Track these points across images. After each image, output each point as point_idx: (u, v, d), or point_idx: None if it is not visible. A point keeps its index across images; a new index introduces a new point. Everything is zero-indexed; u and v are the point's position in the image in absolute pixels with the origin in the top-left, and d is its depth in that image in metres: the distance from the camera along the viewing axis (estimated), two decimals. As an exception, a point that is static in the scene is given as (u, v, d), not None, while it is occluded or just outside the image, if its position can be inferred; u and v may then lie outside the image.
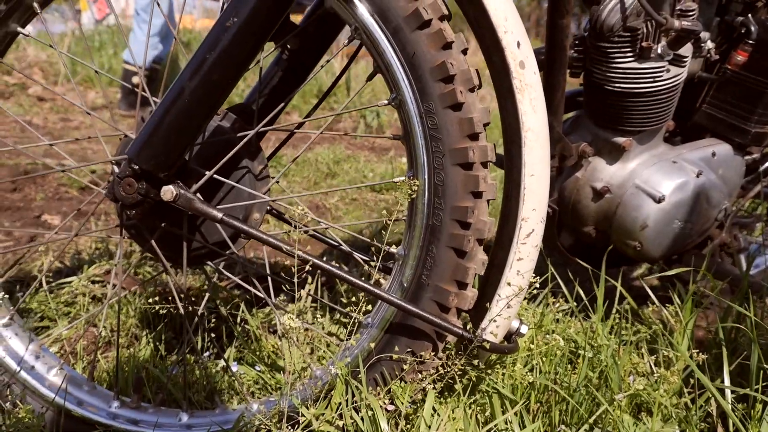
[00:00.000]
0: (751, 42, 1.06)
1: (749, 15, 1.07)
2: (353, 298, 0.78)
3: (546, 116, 0.71)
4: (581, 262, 1.10)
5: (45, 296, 1.10)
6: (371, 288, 0.70)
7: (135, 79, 3.41)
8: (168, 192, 0.66)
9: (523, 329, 0.75)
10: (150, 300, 1.07)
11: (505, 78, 0.69)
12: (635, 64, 0.94)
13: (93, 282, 1.17)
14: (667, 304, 1.08)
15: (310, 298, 1.14)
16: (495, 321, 0.70)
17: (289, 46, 0.82)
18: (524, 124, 0.68)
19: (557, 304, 0.92)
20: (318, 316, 1.08)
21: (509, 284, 0.70)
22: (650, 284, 1.55)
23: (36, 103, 3.68)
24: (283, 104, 0.80)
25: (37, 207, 1.79)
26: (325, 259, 1.02)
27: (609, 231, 1.08)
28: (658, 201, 1.01)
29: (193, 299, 1.14)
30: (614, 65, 0.95)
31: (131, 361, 0.90)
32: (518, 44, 0.68)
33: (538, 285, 0.74)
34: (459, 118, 0.68)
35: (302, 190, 2.36)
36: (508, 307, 0.71)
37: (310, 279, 1.07)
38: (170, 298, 1.12)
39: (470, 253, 0.70)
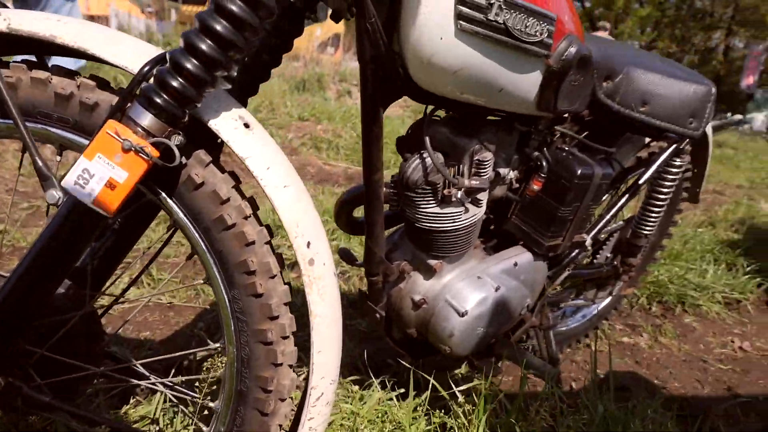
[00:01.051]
0: (543, 175, 1.26)
1: (544, 149, 1.28)
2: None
3: (337, 299, 0.86)
4: (401, 361, 1.27)
5: None
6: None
7: None
8: (-3, 384, 0.76)
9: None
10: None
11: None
12: (437, 209, 1.12)
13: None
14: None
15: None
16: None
17: (119, 220, 0.92)
18: (312, 312, 0.82)
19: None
20: None
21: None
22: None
23: None
24: (115, 275, 0.91)
25: None
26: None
27: (426, 334, 1.26)
28: (462, 315, 1.19)
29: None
30: (419, 209, 1.12)
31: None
32: (308, 244, 0.82)
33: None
34: (260, 304, 0.82)
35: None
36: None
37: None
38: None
39: (272, 413, 0.84)
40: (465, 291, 1.21)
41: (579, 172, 1.25)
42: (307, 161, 4.22)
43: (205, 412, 0.89)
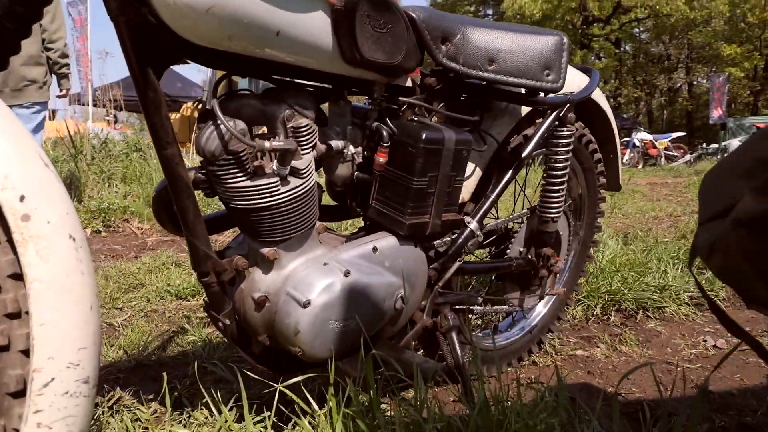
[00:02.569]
0: (385, 144, 1.15)
1: (387, 120, 1.17)
2: None
3: (74, 263, 0.72)
4: (254, 375, 1.11)
5: None
6: None
7: None
8: None
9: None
10: None
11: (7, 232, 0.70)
12: (248, 183, 0.99)
13: None
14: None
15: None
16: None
17: None
18: (28, 276, 0.68)
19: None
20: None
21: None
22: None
23: None
24: None
25: None
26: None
27: (276, 338, 1.10)
28: (304, 306, 1.04)
29: None
30: (228, 186, 0.99)
31: None
32: (21, 198, 0.70)
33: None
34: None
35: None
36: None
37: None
38: None
39: (-7, 414, 0.68)
40: (308, 279, 1.07)
41: (424, 135, 1.14)
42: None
43: None
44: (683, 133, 16.23)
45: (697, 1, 18.24)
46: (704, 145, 16.37)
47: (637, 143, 13.63)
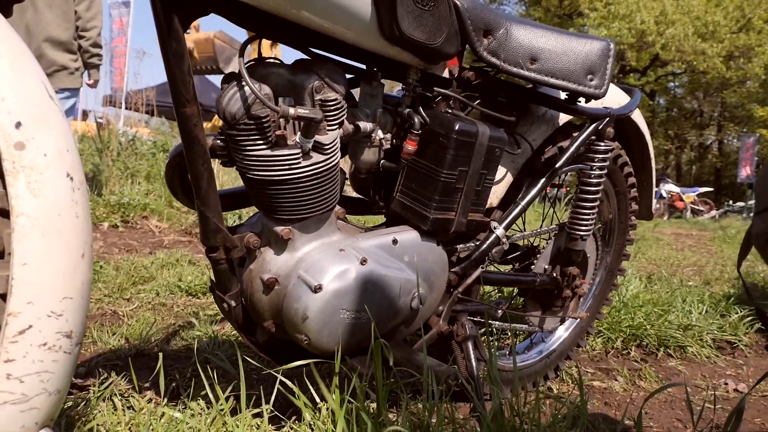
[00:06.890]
0: (416, 132, 1.09)
1: (419, 108, 1.12)
2: None
3: (63, 199, 0.67)
4: (256, 363, 1.04)
5: None
6: None
7: None
8: None
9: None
10: None
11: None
12: (267, 152, 0.94)
13: None
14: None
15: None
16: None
17: None
18: (15, 209, 0.63)
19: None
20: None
21: None
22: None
23: None
24: None
25: None
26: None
27: (282, 325, 1.03)
28: (315, 290, 0.97)
29: None
30: (247, 153, 0.94)
31: None
32: (18, 124, 0.65)
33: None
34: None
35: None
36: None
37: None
38: None
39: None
40: (321, 263, 1.00)
41: (457, 126, 1.08)
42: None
43: None
44: (711, 189, 16.04)
45: (734, 61, 18.25)
46: (731, 202, 16.17)
47: (664, 194, 13.44)
